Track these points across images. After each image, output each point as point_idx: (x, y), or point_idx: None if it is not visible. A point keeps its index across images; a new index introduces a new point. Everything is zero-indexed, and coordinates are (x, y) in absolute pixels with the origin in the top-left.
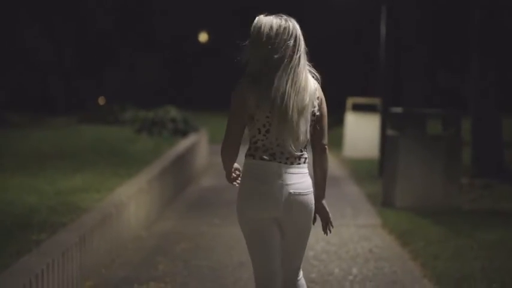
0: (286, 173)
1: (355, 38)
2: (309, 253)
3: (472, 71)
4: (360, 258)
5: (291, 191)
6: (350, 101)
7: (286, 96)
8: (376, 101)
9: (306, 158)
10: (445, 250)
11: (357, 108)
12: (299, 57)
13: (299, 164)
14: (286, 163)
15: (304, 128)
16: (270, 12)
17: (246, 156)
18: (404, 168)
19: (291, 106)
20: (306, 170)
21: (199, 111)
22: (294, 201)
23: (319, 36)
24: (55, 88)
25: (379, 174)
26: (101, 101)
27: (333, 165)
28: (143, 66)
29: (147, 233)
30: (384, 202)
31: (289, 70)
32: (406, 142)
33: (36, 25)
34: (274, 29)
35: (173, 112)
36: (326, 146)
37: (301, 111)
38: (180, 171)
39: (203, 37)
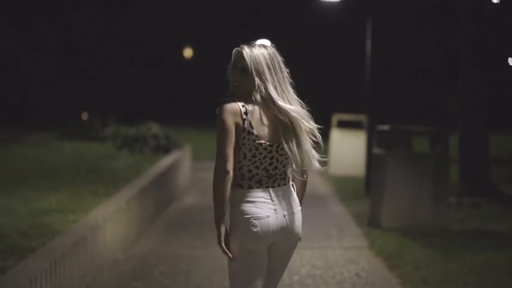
0: (276, 196)
1: (341, 53)
2: (293, 277)
3: (460, 88)
4: (346, 283)
5: (284, 213)
6: (335, 118)
7: (294, 118)
8: (362, 117)
9: (288, 177)
10: (434, 274)
11: (343, 125)
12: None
13: (285, 184)
14: (273, 186)
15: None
16: (250, 28)
17: (232, 186)
18: (391, 187)
19: (301, 128)
20: (291, 188)
21: (184, 127)
22: (290, 221)
23: (304, 51)
24: (35, 101)
25: (365, 193)
26: (84, 116)
27: (318, 183)
28: (127, 81)
29: (125, 255)
30: (370, 222)
31: (282, 93)
32: (393, 160)
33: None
34: (269, 59)
35: (155, 128)
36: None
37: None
38: (161, 189)
39: (188, 52)
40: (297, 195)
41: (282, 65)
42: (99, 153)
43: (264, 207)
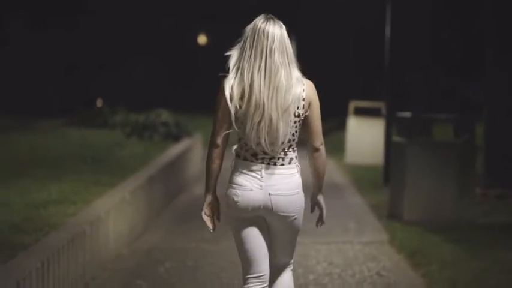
0: (267, 173)
1: (357, 39)
2: (308, 276)
3: (486, 75)
4: (367, 283)
5: (270, 191)
6: (352, 105)
7: (261, 96)
8: (379, 104)
9: (291, 158)
10: (463, 274)
11: (360, 112)
12: (275, 56)
13: (282, 164)
14: (268, 163)
15: (285, 129)
16: (271, 13)
17: (234, 152)
18: (413, 178)
19: (268, 106)
20: (292, 171)
21: (197, 114)
22: (274, 202)
23: (319, 38)
24: (48, 89)
25: (384, 183)
26: (99, 103)
27: (334, 172)
28: (140, 68)
29: (129, 250)
30: (390, 214)
31: (264, 69)
32: (415, 149)
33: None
34: (253, 29)
35: (165, 115)
36: (318, 147)
37: (280, 112)
38: (170, 179)
39: (202, 39)
40: (312, 179)
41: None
42: (107, 140)
43: (250, 180)
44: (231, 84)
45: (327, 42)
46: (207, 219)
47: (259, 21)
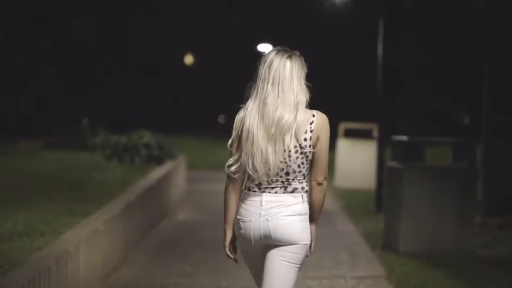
0: (267, 201)
1: (347, 59)
2: None
3: (484, 96)
4: None
5: (268, 218)
6: (342, 126)
7: (253, 125)
8: (371, 126)
9: (295, 188)
10: None
11: (350, 134)
12: (277, 88)
13: (284, 193)
14: (270, 192)
15: (275, 161)
16: (253, 34)
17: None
18: (409, 206)
19: (258, 135)
20: (294, 200)
21: (184, 135)
22: (272, 227)
23: (308, 58)
24: (29, 108)
25: (376, 209)
26: (85, 122)
27: None
28: (125, 89)
29: (102, 286)
30: (385, 245)
31: (263, 100)
32: (411, 175)
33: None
34: (263, 60)
35: (147, 137)
36: (321, 182)
37: (272, 144)
38: (150, 205)
39: (189, 59)
40: (311, 207)
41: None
42: (86, 163)
43: (250, 210)
44: (239, 114)
45: (316, 62)
46: (228, 254)
47: (270, 53)
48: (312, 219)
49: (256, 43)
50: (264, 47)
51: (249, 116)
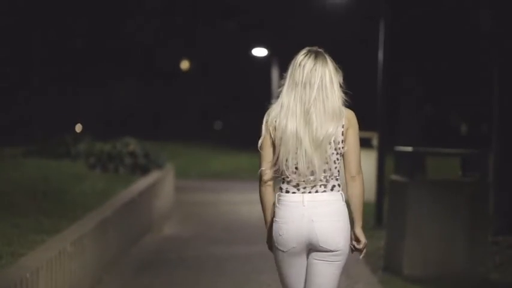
0: (309, 201)
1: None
2: None
3: (496, 104)
4: None
5: (313, 218)
6: None
7: (297, 127)
8: (369, 135)
9: (333, 185)
10: None
11: None
12: (309, 89)
13: (325, 191)
14: (310, 192)
15: (320, 162)
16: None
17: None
18: (415, 223)
19: (303, 138)
20: (336, 197)
21: (176, 141)
22: (318, 229)
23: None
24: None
25: (376, 224)
26: (78, 128)
27: None
28: (119, 95)
29: None
30: (387, 266)
31: (300, 100)
32: (418, 190)
33: None
34: (293, 61)
35: (133, 145)
36: (354, 175)
37: (314, 146)
38: (131, 219)
39: (184, 64)
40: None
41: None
42: (67, 173)
43: (292, 211)
44: (270, 114)
45: None
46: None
47: (300, 54)
48: (357, 219)
49: (251, 48)
50: (259, 52)
51: (291, 118)
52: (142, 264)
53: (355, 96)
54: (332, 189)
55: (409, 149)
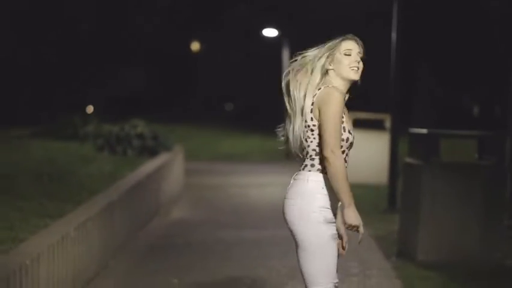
0: (292, 179)
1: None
2: None
3: (510, 85)
4: None
5: (284, 196)
6: (351, 116)
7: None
8: (382, 116)
9: (305, 165)
10: None
11: (360, 124)
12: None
13: (299, 170)
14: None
15: (298, 134)
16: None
17: None
18: (429, 208)
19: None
20: (302, 177)
21: (185, 123)
22: (285, 207)
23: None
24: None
25: (389, 207)
26: (89, 110)
27: None
28: (128, 77)
29: None
30: (401, 253)
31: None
32: (433, 173)
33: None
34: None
35: (141, 127)
36: (326, 156)
37: (298, 118)
38: (139, 203)
39: (195, 46)
40: None
41: None
42: (75, 155)
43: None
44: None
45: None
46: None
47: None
48: (341, 200)
49: (262, 29)
50: (269, 32)
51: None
52: (150, 249)
53: (368, 77)
54: (303, 169)
55: (424, 130)
